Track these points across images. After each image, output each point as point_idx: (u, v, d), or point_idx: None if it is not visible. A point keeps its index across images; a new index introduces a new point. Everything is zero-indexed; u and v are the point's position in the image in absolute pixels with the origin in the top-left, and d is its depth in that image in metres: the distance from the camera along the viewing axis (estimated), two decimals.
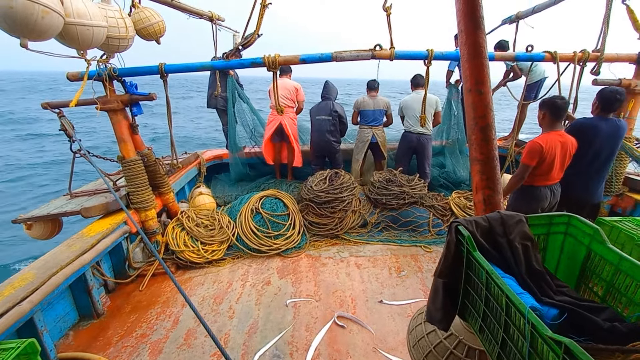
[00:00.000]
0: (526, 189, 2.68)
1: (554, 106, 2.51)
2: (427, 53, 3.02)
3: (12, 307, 1.84)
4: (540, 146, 2.47)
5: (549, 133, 2.54)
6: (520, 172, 2.59)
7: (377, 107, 4.53)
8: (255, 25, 2.81)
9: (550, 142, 2.49)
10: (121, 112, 3.00)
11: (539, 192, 2.66)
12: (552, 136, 2.52)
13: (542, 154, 2.48)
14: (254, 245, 3.38)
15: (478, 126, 1.18)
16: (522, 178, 2.60)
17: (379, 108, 4.54)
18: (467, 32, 1.17)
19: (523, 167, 2.56)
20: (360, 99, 4.61)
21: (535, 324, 0.68)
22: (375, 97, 4.56)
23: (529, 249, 1.03)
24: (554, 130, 2.54)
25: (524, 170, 2.57)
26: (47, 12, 1.97)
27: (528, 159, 2.52)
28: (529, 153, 2.51)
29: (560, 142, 2.52)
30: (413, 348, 1.30)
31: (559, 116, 2.53)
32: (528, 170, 2.55)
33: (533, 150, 2.50)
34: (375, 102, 4.53)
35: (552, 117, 2.53)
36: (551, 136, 2.51)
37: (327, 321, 2.38)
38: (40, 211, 2.92)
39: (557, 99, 2.53)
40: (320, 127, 4.34)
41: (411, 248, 3.41)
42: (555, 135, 2.53)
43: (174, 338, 2.30)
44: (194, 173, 4.64)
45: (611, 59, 3.20)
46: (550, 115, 2.53)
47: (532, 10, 3.85)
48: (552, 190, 2.69)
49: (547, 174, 2.58)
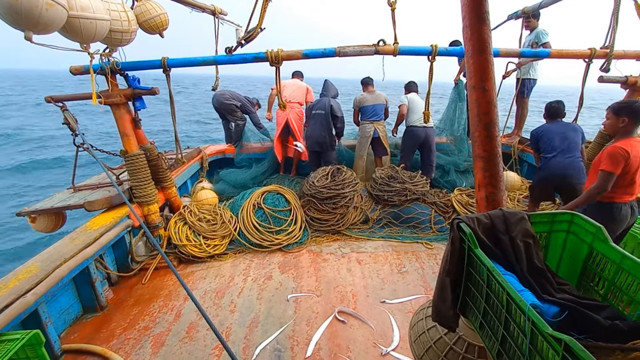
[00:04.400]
0: (605, 207, 2.34)
1: (635, 110, 2.25)
2: (431, 49, 2.99)
3: (17, 299, 1.86)
4: (627, 152, 2.18)
5: (629, 139, 2.26)
6: (602, 182, 2.24)
7: (376, 101, 4.58)
8: (258, 19, 2.79)
9: (636, 148, 2.22)
10: (124, 107, 3.00)
11: (619, 211, 2.33)
12: (635, 143, 2.25)
13: (627, 160, 2.18)
14: (256, 240, 3.39)
15: (482, 123, 1.17)
16: (605, 189, 2.25)
17: (379, 102, 4.58)
18: (472, 28, 1.16)
19: (606, 175, 2.22)
20: (359, 97, 4.68)
21: (536, 322, 0.68)
22: (373, 92, 4.62)
23: (531, 247, 1.03)
24: (632, 137, 2.27)
25: (607, 180, 2.22)
26: (51, 5, 1.97)
27: (612, 166, 2.19)
28: (613, 158, 2.20)
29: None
30: (414, 343, 1.31)
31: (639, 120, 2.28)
32: (612, 179, 2.22)
33: (618, 155, 2.19)
34: (374, 97, 4.59)
35: (634, 123, 2.26)
36: (632, 142, 2.24)
37: (328, 316, 2.39)
38: (44, 204, 2.94)
39: (635, 104, 2.29)
40: (314, 120, 4.44)
41: (412, 244, 3.42)
42: (636, 142, 2.26)
43: (176, 331, 2.32)
44: (196, 168, 4.65)
45: (618, 56, 3.16)
46: (632, 121, 2.26)
47: (539, 6, 3.80)
48: (633, 208, 2.37)
49: (630, 186, 2.28)
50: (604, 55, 3.13)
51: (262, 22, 2.74)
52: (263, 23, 2.74)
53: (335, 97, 4.61)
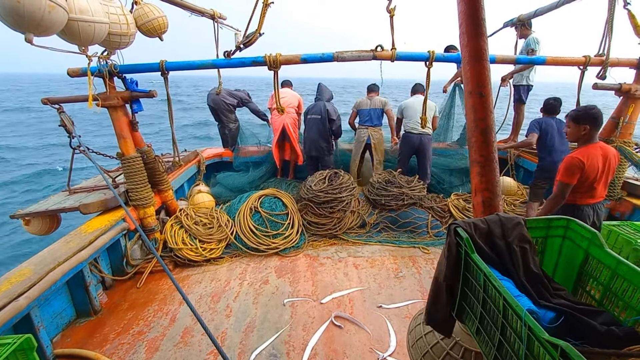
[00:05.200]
0: (568, 208, 2.44)
1: (595, 117, 2.28)
2: (429, 55, 3.02)
3: (8, 303, 1.84)
4: (583, 162, 2.26)
5: (588, 147, 2.32)
6: (559, 192, 2.36)
7: (372, 106, 4.62)
8: (257, 24, 2.80)
9: (592, 156, 2.28)
10: (121, 109, 2.99)
11: (581, 212, 2.42)
12: (593, 150, 2.31)
13: (583, 170, 2.27)
14: (253, 244, 3.37)
15: (478, 128, 1.18)
16: (563, 198, 2.37)
17: (375, 107, 4.61)
18: (469, 35, 1.17)
19: (562, 186, 2.34)
20: (359, 100, 4.78)
21: (532, 327, 0.68)
22: (372, 97, 4.65)
23: (527, 252, 1.04)
24: (593, 144, 2.33)
25: (563, 190, 2.34)
26: (53, 7, 1.97)
27: (568, 177, 2.30)
28: (569, 170, 2.30)
29: (602, 156, 2.31)
30: (412, 348, 1.31)
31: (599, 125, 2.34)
32: (569, 189, 2.33)
33: (574, 167, 2.28)
34: (371, 102, 4.66)
35: (595, 129, 2.32)
36: (591, 150, 2.31)
37: (325, 321, 2.38)
38: (38, 207, 2.91)
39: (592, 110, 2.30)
40: (311, 126, 4.47)
41: (409, 249, 3.42)
42: (596, 149, 2.32)
43: (170, 336, 2.30)
44: (193, 171, 4.64)
45: (613, 64, 3.21)
46: (592, 127, 2.30)
47: (534, 14, 3.86)
48: (595, 209, 2.45)
49: (590, 191, 2.38)
50: (598, 62, 3.17)
51: (261, 27, 2.75)
52: (262, 28, 2.76)
53: (330, 99, 4.64)
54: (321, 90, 4.66)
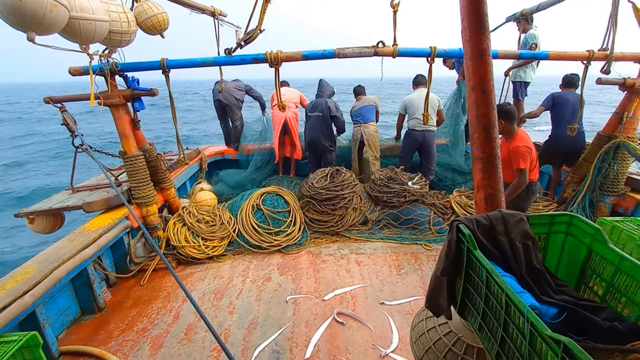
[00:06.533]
0: (528, 185, 2.84)
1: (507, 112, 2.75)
2: (430, 50, 3.00)
3: (14, 300, 1.85)
4: (529, 148, 2.72)
5: (517, 136, 2.78)
6: (522, 178, 2.75)
7: (363, 104, 4.66)
8: (258, 21, 2.79)
9: (529, 140, 2.79)
10: (123, 107, 3.00)
11: (536, 186, 2.96)
12: (526, 135, 2.80)
13: (531, 153, 2.74)
14: (255, 241, 3.39)
15: (481, 124, 1.17)
16: (525, 182, 2.77)
17: (366, 104, 4.67)
18: (471, 30, 1.16)
19: (523, 172, 2.73)
20: (353, 105, 4.81)
21: (535, 323, 0.68)
22: (361, 98, 4.74)
23: (530, 248, 1.03)
24: (518, 132, 2.81)
25: (525, 175, 2.74)
26: (55, 6, 1.97)
27: (525, 163, 2.71)
28: (523, 157, 2.71)
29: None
30: (415, 344, 1.31)
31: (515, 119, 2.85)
32: (527, 173, 2.75)
33: (526, 153, 2.71)
34: (361, 102, 4.70)
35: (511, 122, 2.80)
36: (525, 137, 2.78)
37: (327, 318, 2.39)
38: (42, 205, 2.93)
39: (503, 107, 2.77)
40: (312, 123, 4.46)
41: (411, 246, 3.42)
42: (526, 133, 2.81)
43: (174, 333, 2.32)
44: (195, 169, 4.65)
45: (617, 58, 3.18)
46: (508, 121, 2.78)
47: (537, 8, 3.82)
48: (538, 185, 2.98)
49: (534, 169, 2.87)
50: (602, 57, 3.14)
51: (261, 23, 2.74)
52: (263, 24, 2.75)
53: (331, 96, 4.63)
54: (322, 86, 4.63)
